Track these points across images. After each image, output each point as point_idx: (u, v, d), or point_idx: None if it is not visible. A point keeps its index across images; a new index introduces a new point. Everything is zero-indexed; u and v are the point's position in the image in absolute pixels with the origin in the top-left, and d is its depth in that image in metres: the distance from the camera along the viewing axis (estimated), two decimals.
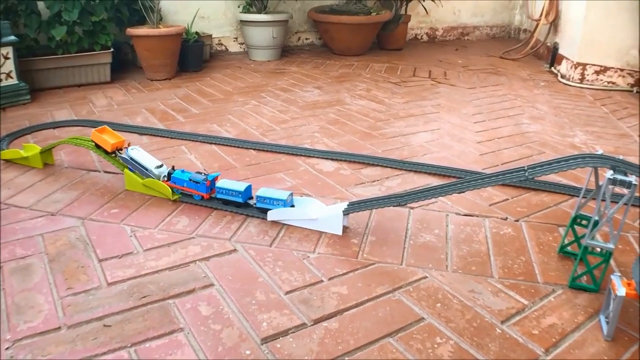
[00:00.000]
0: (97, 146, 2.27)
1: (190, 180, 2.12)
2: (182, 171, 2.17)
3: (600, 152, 1.63)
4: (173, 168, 2.21)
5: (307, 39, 5.75)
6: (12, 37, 3.44)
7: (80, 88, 3.92)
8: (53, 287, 1.61)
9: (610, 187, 1.56)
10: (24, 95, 3.52)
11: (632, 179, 1.53)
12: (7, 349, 1.37)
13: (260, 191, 2.03)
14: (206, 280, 1.64)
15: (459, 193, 1.74)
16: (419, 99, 3.72)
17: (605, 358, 1.39)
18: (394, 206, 1.83)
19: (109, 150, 2.24)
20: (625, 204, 1.54)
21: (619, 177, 1.54)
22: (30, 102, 3.54)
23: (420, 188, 1.80)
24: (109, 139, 2.24)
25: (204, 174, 2.14)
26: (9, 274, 1.68)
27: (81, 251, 1.79)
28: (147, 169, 2.19)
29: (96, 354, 1.35)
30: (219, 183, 2.10)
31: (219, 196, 2.10)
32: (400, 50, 5.64)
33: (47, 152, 2.46)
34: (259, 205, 2.03)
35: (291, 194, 2.02)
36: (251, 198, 2.10)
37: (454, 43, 6.24)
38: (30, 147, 2.47)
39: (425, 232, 1.95)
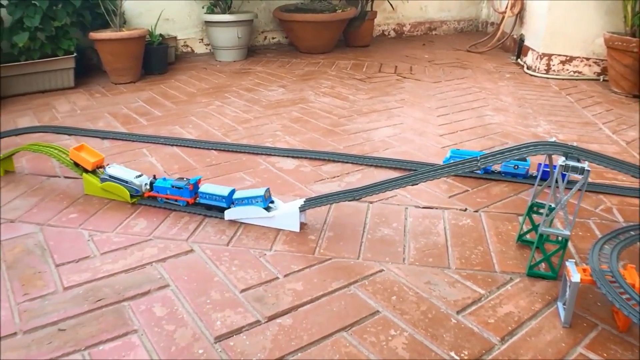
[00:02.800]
0: (76, 164, 2.25)
1: (173, 186, 2.10)
2: (164, 179, 2.15)
3: (553, 139, 1.65)
4: (154, 177, 2.19)
5: (273, 38, 5.75)
6: None
7: (44, 94, 3.89)
8: (10, 293, 1.60)
9: (567, 174, 1.57)
10: None
11: (585, 165, 1.54)
12: None
13: (237, 194, 2.01)
14: (162, 281, 1.64)
15: (412, 185, 1.75)
16: (383, 95, 3.73)
17: (563, 344, 1.41)
18: (349, 200, 1.85)
19: (89, 169, 2.22)
20: (579, 190, 1.56)
21: (571, 163, 1.55)
22: None
23: (375, 182, 1.81)
24: (88, 158, 2.22)
25: (186, 178, 2.13)
26: None
27: (38, 257, 1.79)
28: (127, 182, 2.16)
29: (50, 358, 1.35)
30: (202, 188, 2.08)
31: (202, 201, 2.09)
32: (367, 47, 5.64)
33: (7, 159, 2.44)
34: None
35: (268, 190, 1.99)
36: (233, 202, 2.07)
37: (421, 38, 6.26)
38: None
39: (383, 226, 1.97)
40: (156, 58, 4.40)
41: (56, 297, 1.58)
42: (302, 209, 1.89)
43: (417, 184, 1.75)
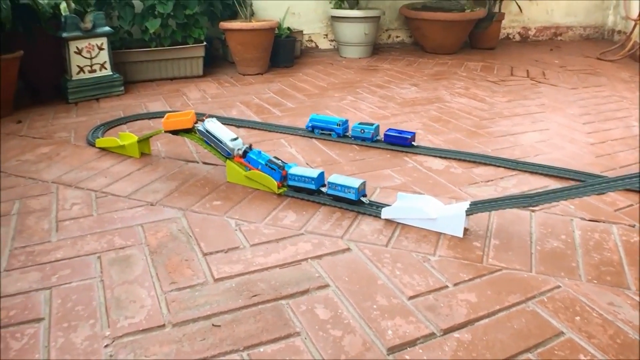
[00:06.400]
0: (175, 132, 2.21)
1: (267, 164, 2.03)
2: (259, 152, 2.08)
3: None
4: (250, 147, 2.12)
5: (397, 36, 5.61)
6: (107, 28, 3.43)
7: (172, 81, 3.90)
8: (155, 280, 1.52)
9: None
10: (117, 86, 3.51)
11: None
12: (106, 346, 1.28)
13: (332, 177, 1.93)
14: (320, 280, 1.51)
15: (598, 194, 1.57)
16: (521, 98, 3.53)
17: None
18: (523, 207, 1.67)
19: (191, 126, 2.17)
20: None
21: None
22: (123, 93, 3.52)
23: (553, 188, 1.64)
24: (183, 117, 2.17)
25: (282, 161, 2.05)
26: (108, 264, 1.60)
27: (184, 243, 1.70)
28: (220, 141, 2.10)
29: (205, 357, 1.24)
30: (291, 170, 2.01)
31: (290, 183, 2.01)
32: (493, 49, 5.43)
33: (144, 141, 2.40)
34: (329, 192, 1.94)
35: (364, 183, 1.92)
36: (324, 185, 2.00)
37: (546, 43, 5.98)
38: (126, 136, 2.41)
39: (551, 237, 1.78)
40: (284, 51, 4.34)
41: (207, 288, 1.48)
42: (469, 213, 1.72)
43: (604, 193, 1.56)
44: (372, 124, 2.58)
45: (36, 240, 1.74)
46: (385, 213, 1.83)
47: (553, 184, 2.16)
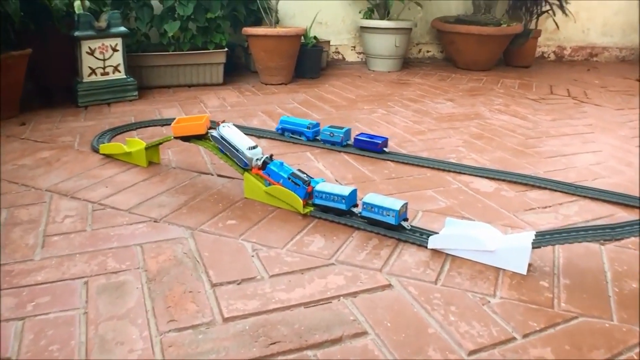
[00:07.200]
0: (185, 139, 1.97)
1: (289, 178, 1.76)
2: (281, 164, 1.81)
3: None
4: (271, 157, 1.85)
5: (428, 51, 5.36)
6: (122, 28, 3.21)
7: (190, 88, 3.67)
8: (151, 316, 1.24)
9: None
10: (131, 91, 3.27)
11: None
12: None
13: (368, 197, 1.65)
14: (357, 325, 1.21)
15: None
16: (566, 117, 3.24)
17: None
18: (604, 241, 1.37)
19: (204, 131, 1.92)
20: None
21: None
22: (137, 98, 3.29)
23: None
24: (195, 122, 1.93)
25: (308, 175, 1.78)
26: (95, 292, 1.32)
27: (189, 270, 1.42)
28: (237, 149, 1.84)
29: None
30: (318, 187, 1.74)
31: (317, 201, 1.74)
32: (528, 67, 5.16)
33: (153, 148, 2.15)
34: (364, 214, 1.66)
35: (405, 204, 1.63)
36: (356, 205, 1.73)
37: (582, 64, 5.72)
38: (134, 142, 2.16)
39: (629, 276, 1.47)
40: (309, 61, 4.08)
41: (214, 330, 1.19)
42: (536, 246, 1.42)
43: None
44: (342, 128, 2.46)
45: (17, 258, 1.48)
46: (433, 242, 1.53)
47: (620, 213, 1.86)
